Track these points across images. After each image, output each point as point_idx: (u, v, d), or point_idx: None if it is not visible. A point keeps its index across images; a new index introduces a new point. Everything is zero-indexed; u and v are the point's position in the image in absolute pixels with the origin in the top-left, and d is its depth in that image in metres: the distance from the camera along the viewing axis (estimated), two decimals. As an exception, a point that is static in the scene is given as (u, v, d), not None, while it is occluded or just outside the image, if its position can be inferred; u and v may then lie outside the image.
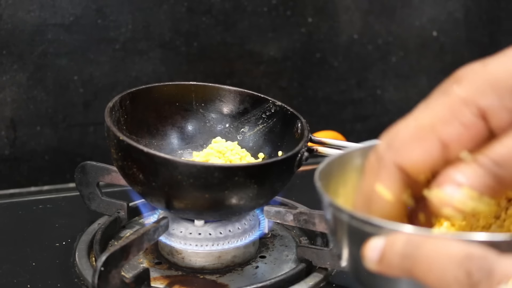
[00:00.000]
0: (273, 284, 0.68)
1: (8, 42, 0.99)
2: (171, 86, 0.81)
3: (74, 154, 1.04)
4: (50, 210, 0.87)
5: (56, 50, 1.01)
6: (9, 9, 0.98)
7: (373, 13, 1.14)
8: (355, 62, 1.16)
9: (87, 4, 1.02)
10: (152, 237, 0.68)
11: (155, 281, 0.70)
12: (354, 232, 0.40)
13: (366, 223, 0.39)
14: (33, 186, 1.04)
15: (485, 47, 1.22)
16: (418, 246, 0.37)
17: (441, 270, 0.36)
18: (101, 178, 0.81)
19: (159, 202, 0.71)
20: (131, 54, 1.05)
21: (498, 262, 0.35)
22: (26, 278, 0.72)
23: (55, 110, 1.03)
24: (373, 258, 0.38)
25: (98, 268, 0.60)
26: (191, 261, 0.73)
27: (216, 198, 0.68)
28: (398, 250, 0.37)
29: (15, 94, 1.01)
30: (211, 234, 0.73)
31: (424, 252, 0.36)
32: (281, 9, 1.09)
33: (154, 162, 0.66)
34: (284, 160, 0.71)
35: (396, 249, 0.37)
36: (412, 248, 0.37)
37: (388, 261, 0.38)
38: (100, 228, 0.77)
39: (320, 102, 1.16)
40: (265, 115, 0.81)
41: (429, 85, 1.21)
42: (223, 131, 0.83)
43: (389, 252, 0.38)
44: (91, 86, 1.04)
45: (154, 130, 0.81)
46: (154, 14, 1.05)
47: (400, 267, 0.37)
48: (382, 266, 0.38)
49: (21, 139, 1.03)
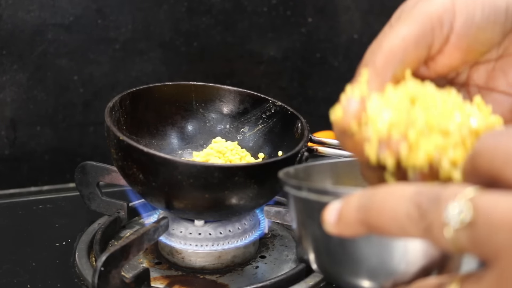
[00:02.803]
0: (273, 284, 0.68)
1: (8, 42, 0.99)
2: (171, 86, 0.82)
3: (74, 154, 1.04)
4: (50, 210, 0.87)
5: (56, 50, 1.01)
6: (9, 9, 0.98)
7: (373, 13, 1.14)
8: (355, 62, 1.15)
9: (87, 4, 1.02)
10: (152, 237, 0.68)
11: (155, 281, 0.70)
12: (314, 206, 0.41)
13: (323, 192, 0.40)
14: (33, 186, 1.05)
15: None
16: (371, 195, 0.37)
17: (393, 210, 0.36)
18: (101, 178, 0.81)
19: (159, 202, 0.71)
20: (131, 54, 1.05)
21: (444, 188, 0.35)
22: (26, 278, 0.72)
23: (55, 110, 1.03)
24: (331, 220, 0.39)
25: (98, 268, 0.60)
26: (191, 261, 0.73)
27: (216, 198, 0.68)
28: (353, 205, 0.38)
29: (15, 94, 1.01)
30: (211, 234, 0.73)
31: (376, 198, 0.37)
32: (281, 9, 1.09)
33: (154, 162, 0.66)
34: (284, 160, 0.71)
35: (352, 204, 0.38)
36: (365, 199, 0.38)
37: (345, 219, 0.38)
38: (100, 228, 0.77)
39: (320, 102, 1.16)
40: (265, 115, 0.81)
41: (429, 85, 1.21)
42: (223, 131, 0.83)
43: (345, 210, 0.38)
44: (91, 86, 1.04)
45: (154, 130, 0.81)
46: (154, 14, 1.05)
47: (356, 220, 0.38)
48: (340, 225, 0.39)
49: (21, 139, 1.03)
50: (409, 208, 0.35)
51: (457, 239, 0.34)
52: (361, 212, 0.37)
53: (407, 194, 0.36)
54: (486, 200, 0.34)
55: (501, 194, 0.34)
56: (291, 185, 0.44)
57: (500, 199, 0.33)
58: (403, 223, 0.36)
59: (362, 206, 0.37)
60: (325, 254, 0.43)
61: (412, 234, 0.36)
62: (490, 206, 0.33)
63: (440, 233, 0.34)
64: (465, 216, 0.34)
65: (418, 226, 0.35)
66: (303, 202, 0.43)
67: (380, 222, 0.36)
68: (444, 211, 0.34)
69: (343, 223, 0.38)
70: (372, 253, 0.40)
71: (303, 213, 0.44)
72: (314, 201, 0.41)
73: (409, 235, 0.36)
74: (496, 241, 0.33)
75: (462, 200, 0.34)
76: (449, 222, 0.34)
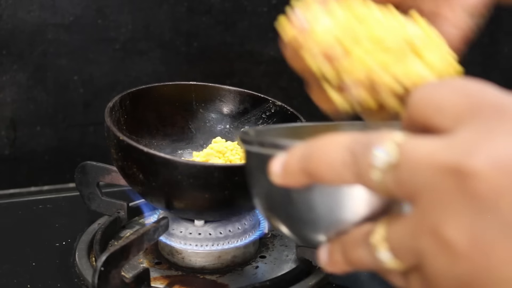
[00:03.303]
0: (273, 284, 0.68)
1: (8, 42, 0.99)
2: (171, 86, 0.81)
3: (74, 154, 1.04)
4: (50, 210, 0.87)
5: (56, 50, 1.01)
6: (9, 9, 0.98)
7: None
8: (355, 62, 1.16)
9: (87, 4, 1.02)
10: (152, 237, 0.68)
11: (155, 281, 0.70)
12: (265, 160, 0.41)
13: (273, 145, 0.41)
14: (33, 186, 1.05)
15: (485, 47, 1.22)
16: (312, 145, 0.39)
17: (330, 157, 0.37)
18: (101, 178, 0.81)
19: (159, 202, 0.71)
20: (131, 54, 1.05)
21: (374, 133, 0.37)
22: (26, 278, 0.72)
23: (55, 110, 1.03)
24: (277, 171, 0.40)
25: (98, 268, 0.60)
26: (191, 261, 0.73)
27: (216, 198, 0.68)
28: (296, 155, 0.39)
29: (15, 94, 1.01)
30: (211, 234, 0.73)
31: (316, 147, 0.38)
32: (281, 9, 1.09)
33: (154, 162, 0.66)
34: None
35: (295, 155, 0.39)
36: (307, 148, 0.39)
37: (289, 168, 0.39)
38: (100, 228, 0.77)
39: (320, 102, 1.16)
40: (265, 115, 0.81)
41: (429, 85, 1.21)
42: (223, 131, 0.83)
43: (289, 160, 0.40)
44: (91, 86, 1.04)
45: (154, 130, 0.81)
46: (154, 14, 1.05)
47: (299, 170, 0.39)
48: (285, 176, 0.40)
49: (21, 139, 1.03)
50: (344, 154, 0.37)
51: (384, 182, 0.35)
52: (302, 161, 0.39)
53: (344, 141, 0.37)
54: (410, 143, 0.35)
55: (425, 138, 0.35)
56: (244, 140, 0.45)
57: (424, 142, 0.35)
58: (339, 170, 0.37)
59: (303, 155, 0.39)
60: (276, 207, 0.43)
61: (347, 180, 0.37)
62: (414, 147, 0.35)
63: (369, 176, 0.36)
64: (390, 158, 0.35)
65: (351, 171, 0.36)
66: (255, 156, 0.44)
67: (319, 170, 0.38)
68: (371, 154, 0.36)
69: (287, 173, 0.40)
70: (318, 203, 0.40)
71: (255, 168, 0.44)
72: (264, 155, 0.42)
73: (345, 181, 0.37)
74: (417, 180, 0.34)
75: (388, 143, 0.35)
76: (375, 165, 0.35)
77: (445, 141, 0.34)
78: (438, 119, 0.36)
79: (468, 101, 0.36)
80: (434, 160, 0.34)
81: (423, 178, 0.34)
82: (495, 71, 1.23)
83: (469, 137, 0.34)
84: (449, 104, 0.36)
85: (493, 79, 1.38)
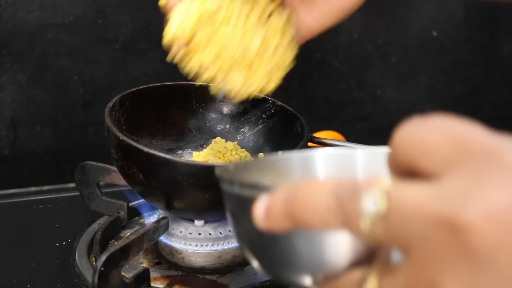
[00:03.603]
0: (273, 284, 0.68)
1: (8, 42, 0.99)
2: (171, 86, 0.81)
3: (74, 154, 1.04)
4: (50, 210, 0.87)
5: (56, 50, 1.01)
6: (9, 9, 0.98)
7: (373, 13, 1.14)
8: (355, 62, 1.16)
9: (87, 4, 1.02)
10: (152, 237, 0.68)
11: (155, 281, 0.70)
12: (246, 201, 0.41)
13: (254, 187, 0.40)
14: (33, 186, 1.04)
15: (485, 47, 1.22)
16: (295, 188, 0.38)
17: (315, 202, 0.36)
18: (101, 178, 0.81)
19: (159, 202, 0.71)
20: (131, 54, 1.05)
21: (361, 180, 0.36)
22: (26, 278, 0.72)
23: (55, 110, 1.03)
24: (260, 214, 0.39)
25: (98, 268, 0.60)
26: (191, 261, 0.73)
27: (216, 198, 0.67)
28: (279, 199, 0.38)
29: (15, 94, 1.01)
30: (211, 234, 0.73)
31: (300, 191, 0.37)
32: (281, 9, 1.09)
33: (154, 162, 0.66)
34: (284, 160, 0.71)
35: (278, 198, 0.38)
36: (291, 192, 0.38)
37: (273, 213, 0.38)
38: (100, 228, 0.77)
39: (320, 102, 1.16)
40: (265, 115, 0.81)
41: (429, 85, 1.21)
42: (223, 131, 0.83)
43: (272, 204, 0.38)
44: (91, 86, 1.04)
45: (154, 130, 0.81)
46: (154, 14, 1.05)
47: (283, 214, 0.38)
48: (269, 220, 0.38)
49: (21, 139, 1.03)
50: (329, 200, 0.36)
51: (373, 231, 0.34)
52: (286, 206, 0.38)
53: (329, 186, 0.36)
54: (399, 191, 0.34)
55: (413, 184, 0.34)
56: (224, 180, 0.44)
57: (412, 189, 0.34)
58: (324, 215, 0.36)
59: (287, 199, 0.38)
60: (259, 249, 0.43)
61: (333, 226, 0.36)
62: (403, 196, 0.34)
63: (357, 224, 0.35)
64: (379, 207, 0.34)
65: (337, 218, 0.35)
66: (236, 198, 0.43)
67: (303, 215, 0.37)
68: (359, 202, 0.35)
69: (271, 217, 0.38)
70: (302, 246, 0.39)
71: (236, 209, 0.43)
72: (245, 197, 0.41)
73: (331, 227, 0.36)
74: (408, 231, 0.33)
75: (376, 191, 0.34)
76: (364, 214, 0.34)
77: (435, 188, 0.33)
78: (424, 162, 0.35)
79: (454, 144, 0.34)
80: (425, 210, 0.33)
81: (415, 229, 0.33)
82: (495, 71, 1.23)
83: (459, 186, 0.33)
84: (434, 146, 0.34)
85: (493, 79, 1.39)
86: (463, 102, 1.23)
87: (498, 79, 1.24)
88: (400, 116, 0.45)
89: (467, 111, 1.24)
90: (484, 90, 1.24)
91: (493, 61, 1.23)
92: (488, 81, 1.23)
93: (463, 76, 1.22)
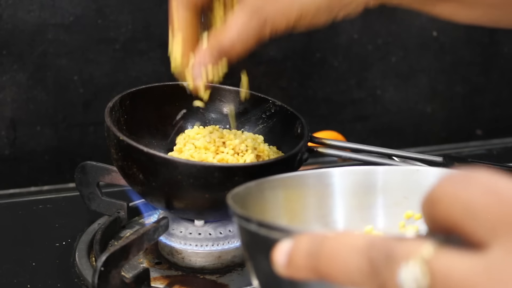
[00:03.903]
0: (273, 284, 0.68)
1: (8, 42, 0.99)
2: (171, 86, 0.81)
3: (74, 154, 1.04)
4: (50, 210, 0.87)
5: (56, 50, 1.01)
6: (9, 9, 0.98)
7: (373, 13, 1.14)
8: (355, 62, 1.16)
9: (87, 4, 1.02)
10: (152, 237, 0.68)
11: (155, 281, 0.70)
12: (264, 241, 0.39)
13: (273, 228, 0.39)
14: (33, 186, 1.05)
15: (485, 47, 1.22)
16: (322, 241, 0.36)
17: (344, 262, 0.35)
18: (101, 178, 0.81)
19: (159, 202, 0.71)
20: (131, 54, 1.05)
21: (398, 244, 0.34)
22: (26, 278, 0.72)
23: (55, 110, 1.03)
24: (281, 262, 0.37)
25: (98, 268, 0.60)
26: (191, 261, 0.73)
27: (216, 198, 0.68)
28: (303, 249, 0.36)
29: (15, 94, 1.01)
30: (211, 234, 0.73)
31: (327, 246, 0.36)
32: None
33: (154, 162, 0.66)
34: (284, 160, 0.71)
35: (302, 248, 0.37)
36: (316, 245, 0.36)
37: (296, 263, 0.37)
38: (100, 228, 0.77)
39: (320, 102, 1.16)
40: (265, 115, 0.81)
41: (429, 85, 1.21)
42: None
43: (295, 253, 0.37)
44: (91, 86, 1.04)
45: (154, 130, 0.81)
46: (154, 14, 1.05)
47: (307, 266, 0.36)
48: (290, 269, 0.37)
49: (21, 139, 1.03)
50: (361, 262, 0.34)
51: None
52: (311, 259, 0.36)
53: (359, 245, 0.34)
54: (442, 264, 0.32)
55: (458, 256, 0.32)
56: (240, 216, 0.42)
57: (457, 261, 0.32)
58: (354, 277, 0.34)
59: (312, 252, 0.36)
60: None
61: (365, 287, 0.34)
62: (447, 271, 0.31)
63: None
64: (420, 282, 0.32)
65: (371, 282, 0.34)
66: (252, 235, 0.41)
67: (331, 272, 0.35)
68: (398, 273, 0.32)
69: (294, 267, 0.37)
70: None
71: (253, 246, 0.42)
72: (263, 236, 0.39)
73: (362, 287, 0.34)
74: None
75: (417, 262, 0.32)
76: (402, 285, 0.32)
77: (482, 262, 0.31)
78: (469, 227, 0.32)
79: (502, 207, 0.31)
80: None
81: None
82: (495, 71, 1.23)
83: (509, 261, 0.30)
84: (481, 210, 0.32)
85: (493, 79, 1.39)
86: (463, 102, 1.23)
87: (498, 79, 1.24)
88: (400, 116, 0.45)
89: (467, 111, 1.24)
90: (484, 90, 1.24)
91: (493, 61, 1.23)
92: (488, 81, 1.23)
93: (463, 76, 1.22)
